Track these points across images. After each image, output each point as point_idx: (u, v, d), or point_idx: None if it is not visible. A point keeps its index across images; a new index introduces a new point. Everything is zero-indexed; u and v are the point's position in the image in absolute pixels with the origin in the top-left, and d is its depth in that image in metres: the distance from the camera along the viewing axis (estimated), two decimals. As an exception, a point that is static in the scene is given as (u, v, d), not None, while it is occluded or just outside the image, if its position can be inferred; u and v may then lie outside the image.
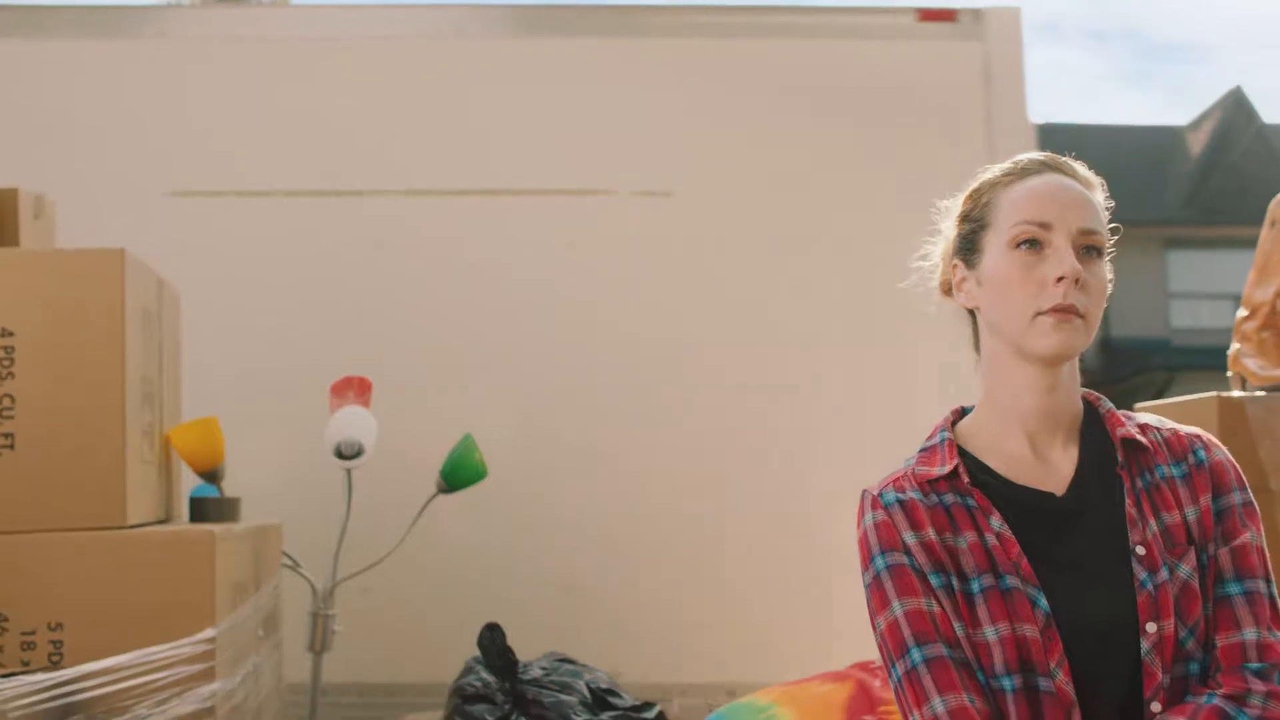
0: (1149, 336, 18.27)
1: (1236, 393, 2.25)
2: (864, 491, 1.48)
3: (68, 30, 3.57)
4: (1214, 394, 2.21)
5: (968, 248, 1.52)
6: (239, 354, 3.35)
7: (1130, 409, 1.69)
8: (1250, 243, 2.56)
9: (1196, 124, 21.04)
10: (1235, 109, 20.15)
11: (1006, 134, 3.45)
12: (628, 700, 2.55)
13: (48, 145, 3.41)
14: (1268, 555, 1.40)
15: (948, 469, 1.44)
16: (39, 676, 2.01)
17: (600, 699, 2.51)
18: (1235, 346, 2.44)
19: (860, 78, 3.61)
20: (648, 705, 2.56)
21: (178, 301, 2.77)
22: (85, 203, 3.02)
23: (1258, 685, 1.31)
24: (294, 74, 3.56)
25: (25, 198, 2.61)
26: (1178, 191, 19.76)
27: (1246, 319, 2.42)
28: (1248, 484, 1.45)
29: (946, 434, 1.49)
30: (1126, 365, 18.19)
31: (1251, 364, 2.36)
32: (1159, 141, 21.21)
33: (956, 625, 1.37)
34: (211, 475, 2.73)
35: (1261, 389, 2.32)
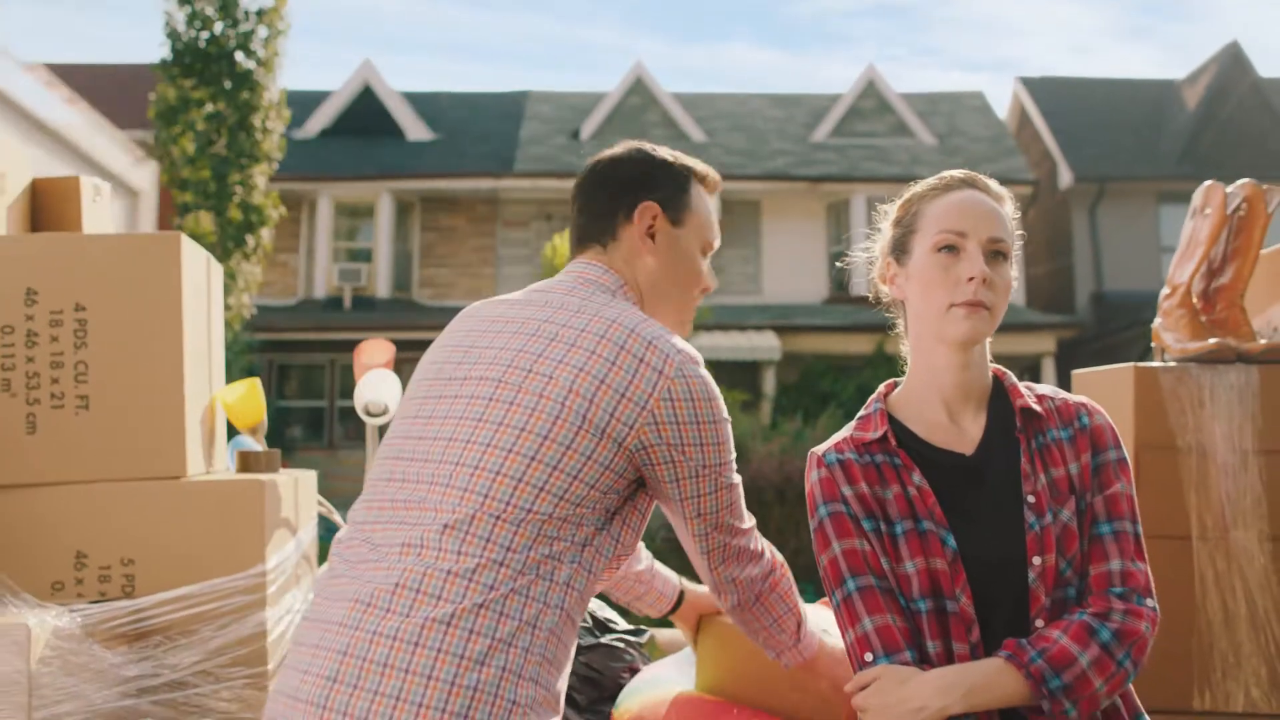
0: (1141, 290, 18.51)
1: (1151, 363, 2.56)
2: (811, 453, 1.81)
3: None
4: (1131, 365, 2.52)
5: (899, 248, 1.83)
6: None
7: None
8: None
9: (1192, 78, 21.13)
10: (1231, 63, 20.24)
11: None
12: (624, 625, 2.89)
13: None
14: (1135, 501, 1.74)
15: (879, 434, 1.76)
16: (121, 603, 2.34)
17: (601, 623, 2.85)
18: (1158, 321, 2.74)
19: None
20: (640, 630, 2.91)
21: (221, 274, 3.08)
22: None
23: (1118, 605, 1.65)
24: None
25: (85, 183, 2.91)
26: (1172, 146, 19.90)
27: (1167, 297, 2.72)
28: (1123, 444, 1.78)
29: (880, 404, 1.82)
30: (1118, 319, 18.46)
31: (1169, 337, 2.66)
32: (1154, 95, 21.31)
33: (883, 561, 1.70)
34: (253, 431, 3.06)
35: (1174, 360, 2.63)
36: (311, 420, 17.97)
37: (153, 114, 13.48)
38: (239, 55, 13.52)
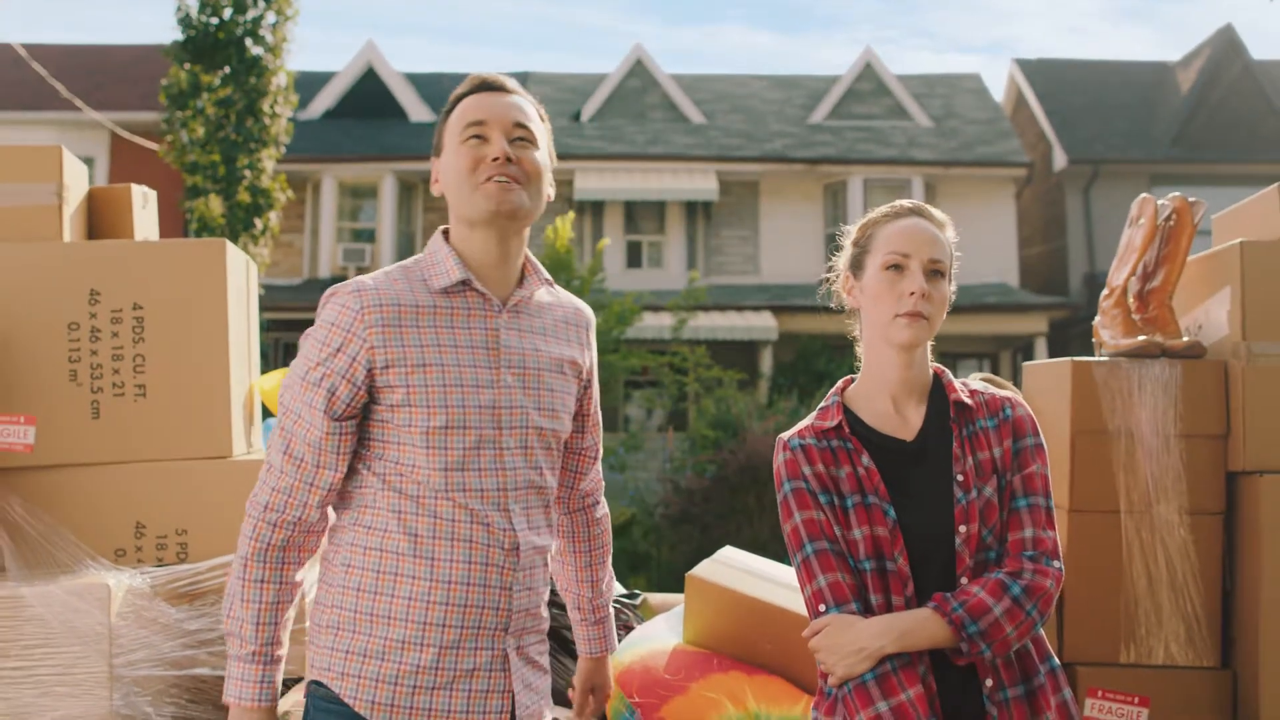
0: (1133, 271, 18.76)
1: (1088, 358, 2.88)
2: (778, 438, 2.14)
3: None
4: (1069, 359, 2.84)
5: (856, 265, 2.16)
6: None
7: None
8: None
9: (1186, 61, 21.36)
10: (1225, 46, 20.47)
11: None
12: (621, 590, 3.23)
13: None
14: (1049, 480, 2.06)
15: (835, 423, 2.09)
16: (183, 567, 2.68)
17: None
18: (1098, 319, 3.06)
19: None
20: (635, 594, 3.25)
21: (256, 272, 3.40)
22: None
23: (1029, 565, 1.98)
24: None
25: (136, 192, 3.22)
26: (1165, 128, 20.15)
27: (1106, 297, 3.04)
28: (1041, 431, 2.10)
29: (837, 397, 2.14)
30: (1110, 299, 18.74)
31: (1105, 334, 2.98)
32: (1148, 78, 21.54)
33: (835, 529, 2.03)
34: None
35: (1108, 355, 2.94)
36: (317, 398, 18.31)
37: (163, 97, 13.76)
38: (248, 40, 13.79)
